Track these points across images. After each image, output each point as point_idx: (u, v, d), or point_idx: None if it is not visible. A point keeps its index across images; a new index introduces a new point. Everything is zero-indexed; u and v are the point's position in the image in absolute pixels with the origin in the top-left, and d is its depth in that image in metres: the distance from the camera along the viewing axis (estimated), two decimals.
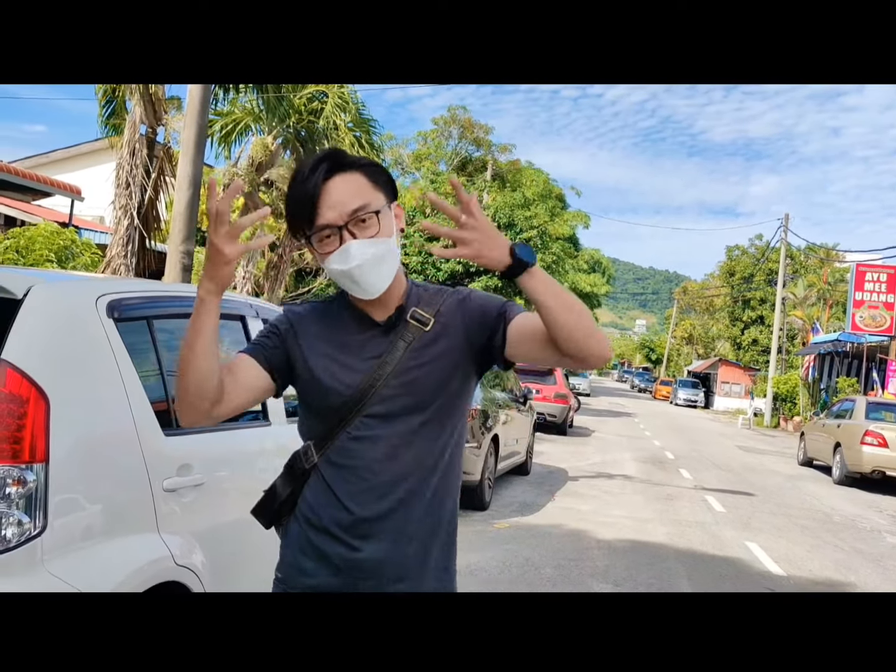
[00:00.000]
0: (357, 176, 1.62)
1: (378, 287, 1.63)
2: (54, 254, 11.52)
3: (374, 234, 1.59)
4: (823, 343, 27.85)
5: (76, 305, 2.49)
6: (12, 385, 2.19)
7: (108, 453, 2.47)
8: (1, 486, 2.13)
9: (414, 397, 1.64)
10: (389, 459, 1.63)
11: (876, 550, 8.30)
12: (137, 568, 2.44)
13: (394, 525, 1.63)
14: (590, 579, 5.93)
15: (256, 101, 13.35)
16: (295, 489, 1.71)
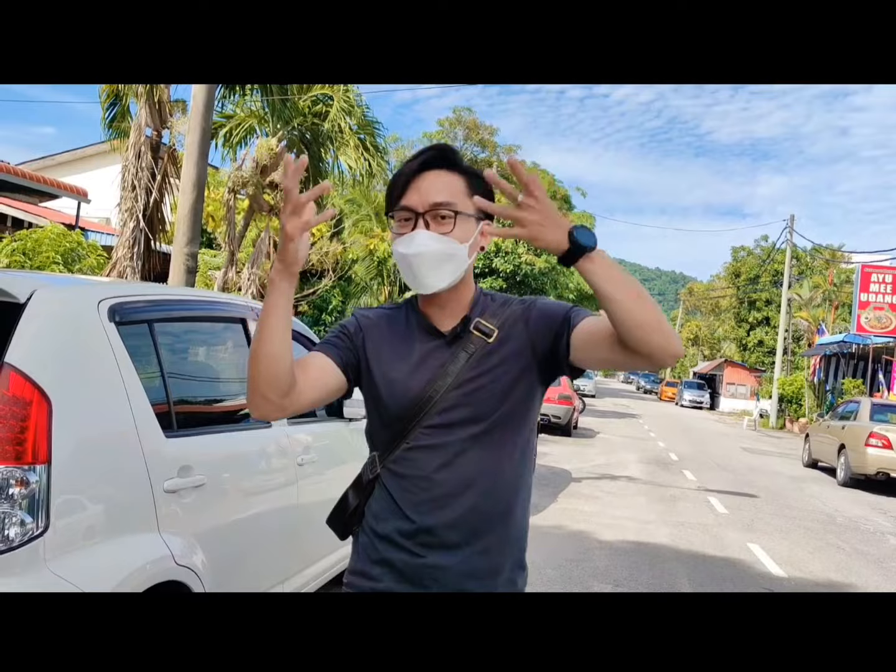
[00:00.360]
0: (455, 177, 1.63)
1: (432, 284, 1.61)
2: (61, 256, 11.59)
3: (447, 233, 1.59)
4: (829, 344, 27.80)
5: (78, 309, 2.54)
6: (15, 388, 2.24)
7: (110, 455, 2.51)
8: (4, 486, 2.18)
9: (473, 408, 1.62)
10: (447, 469, 1.62)
11: (879, 552, 8.30)
12: (138, 567, 2.48)
13: (456, 535, 1.62)
14: (591, 580, 5.96)
15: (261, 103, 13.43)
16: (362, 499, 1.71)
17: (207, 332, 3.43)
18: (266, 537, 3.42)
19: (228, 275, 13.90)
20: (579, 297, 40.44)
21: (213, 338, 3.49)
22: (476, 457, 1.63)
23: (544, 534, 7.28)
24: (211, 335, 3.46)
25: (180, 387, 3.03)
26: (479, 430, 1.63)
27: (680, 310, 70.16)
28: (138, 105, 10.66)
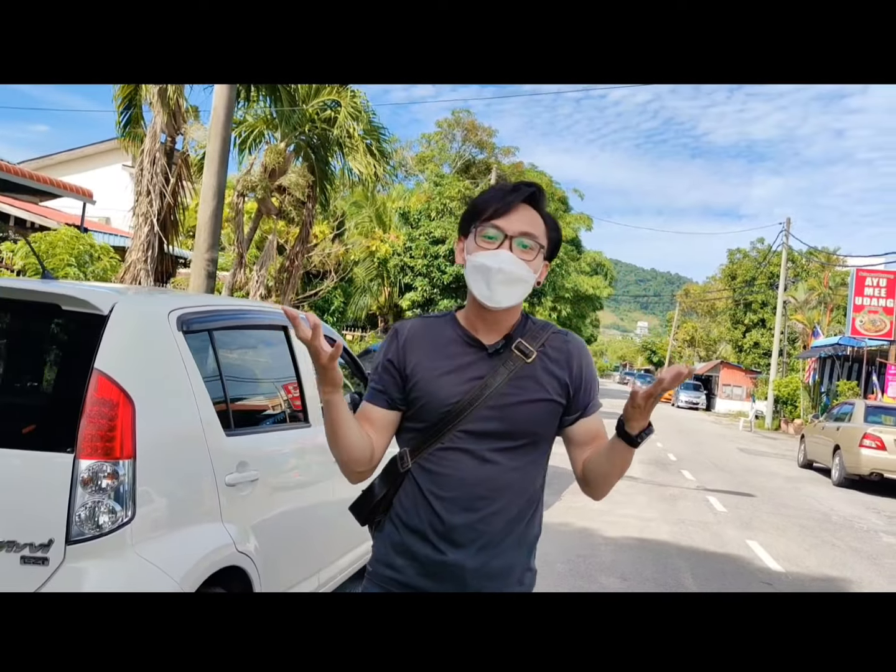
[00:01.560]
0: (539, 217, 1.80)
1: (501, 299, 1.74)
2: (74, 258, 11.84)
3: (528, 260, 1.75)
4: (824, 347, 28.12)
5: (153, 320, 2.81)
6: (104, 391, 2.51)
7: (182, 451, 2.78)
8: (96, 479, 2.44)
9: (507, 425, 1.76)
10: (479, 474, 1.75)
11: (872, 549, 8.59)
12: (208, 552, 2.76)
13: (479, 536, 1.75)
14: (598, 574, 6.24)
15: (269, 109, 13.70)
16: (390, 491, 1.83)
17: (255, 339, 3.70)
18: (306, 528, 3.69)
19: (237, 276, 14.17)
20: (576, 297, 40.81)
21: (259, 344, 3.77)
22: (505, 466, 1.77)
23: (553, 530, 7.55)
24: (258, 342, 3.74)
25: (235, 389, 3.30)
26: (510, 444, 1.77)
27: (676, 311, 70.47)
28: (153, 112, 10.90)
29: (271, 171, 13.66)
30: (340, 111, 13.35)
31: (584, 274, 42.28)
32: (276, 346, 3.75)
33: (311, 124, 13.80)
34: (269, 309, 3.87)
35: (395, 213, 28.03)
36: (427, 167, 39.41)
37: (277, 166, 13.71)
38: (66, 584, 2.37)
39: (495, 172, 33.97)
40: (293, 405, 3.81)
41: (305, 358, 3.85)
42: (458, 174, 35.85)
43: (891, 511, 11.88)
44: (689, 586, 6.15)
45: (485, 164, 39.54)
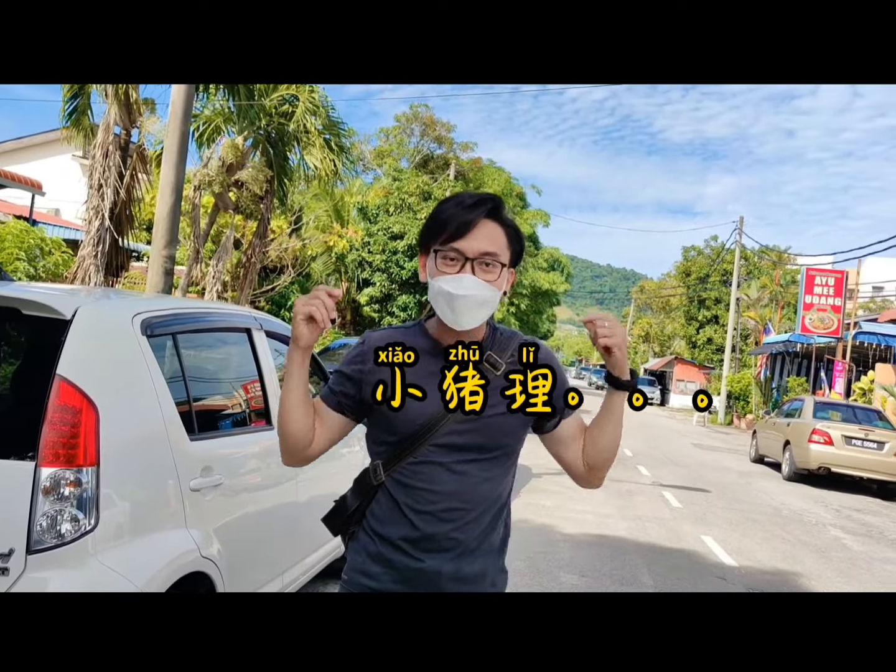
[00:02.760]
0: (500, 230, 1.77)
1: (465, 322, 1.74)
2: (24, 252, 11.56)
3: (491, 281, 1.73)
4: (775, 343, 28.75)
5: (117, 324, 2.77)
6: (66, 397, 2.47)
7: (146, 456, 2.75)
8: (58, 486, 2.40)
9: (479, 437, 1.78)
10: (453, 486, 1.77)
11: (820, 542, 8.84)
12: (172, 559, 2.73)
13: (455, 545, 1.79)
14: (557, 570, 6.31)
15: (227, 102, 13.52)
16: (363, 503, 1.86)
17: (218, 342, 3.67)
18: (270, 530, 3.68)
19: (193, 271, 13.98)
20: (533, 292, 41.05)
21: (222, 346, 3.73)
22: (478, 477, 1.79)
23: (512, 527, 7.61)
24: (221, 344, 3.70)
25: (198, 393, 3.28)
26: (483, 455, 1.80)
27: (631, 307, 71.37)
28: (108, 104, 10.68)
29: (229, 165, 13.49)
30: (298, 106, 13.23)
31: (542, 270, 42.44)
32: (239, 349, 3.72)
33: (269, 119, 13.66)
34: (233, 311, 3.84)
35: (354, 208, 27.88)
36: (385, 161, 39.25)
37: (235, 161, 13.55)
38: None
39: (454, 168, 33.99)
40: (255, 407, 3.79)
41: (268, 360, 3.83)
42: (417, 169, 35.76)
43: (838, 504, 12.22)
44: (645, 582, 6.26)
45: (443, 159, 39.48)
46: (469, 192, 1.85)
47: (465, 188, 31.12)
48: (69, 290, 3.40)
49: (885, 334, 21.49)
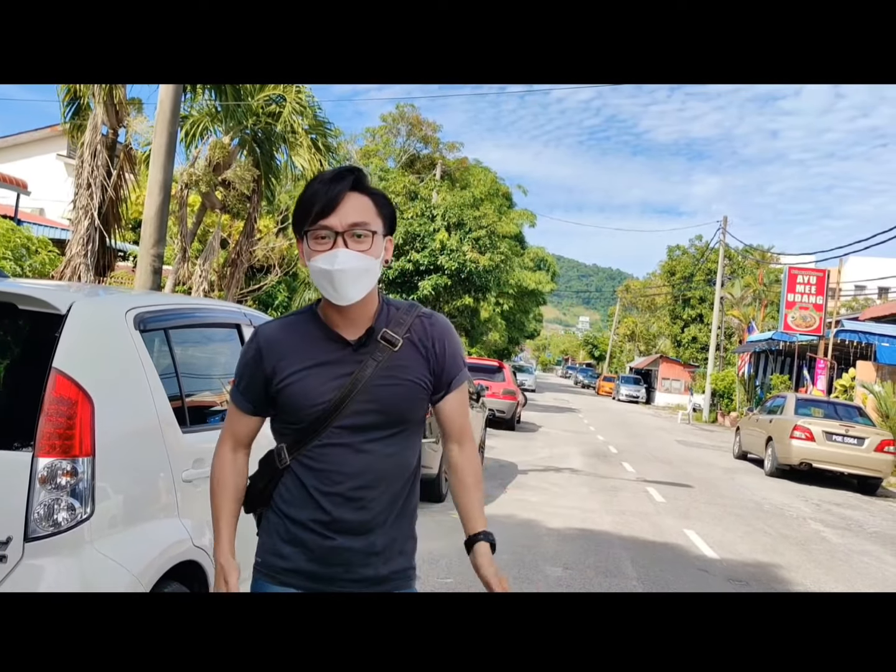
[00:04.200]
0: (367, 200, 1.78)
1: (351, 296, 1.75)
2: (10, 252, 11.56)
3: (364, 251, 1.75)
4: (758, 342, 29.01)
5: (111, 319, 2.84)
6: (62, 389, 2.54)
7: (140, 448, 2.83)
8: (55, 476, 2.47)
9: (383, 414, 1.81)
10: (359, 465, 1.81)
11: (800, 535, 9.00)
12: (166, 547, 2.81)
13: (364, 522, 1.83)
14: (542, 563, 6.42)
15: (213, 102, 13.53)
16: (269, 484, 1.89)
17: (209, 337, 3.74)
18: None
19: (181, 270, 13.99)
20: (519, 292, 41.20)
21: (213, 341, 3.81)
22: (384, 454, 1.83)
23: (497, 522, 7.72)
24: (212, 339, 3.78)
25: (190, 386, 3.35)
26: (388, 432, 1.83)
27: (617, 306, 71.68)
28: (95, 104, 10.70)
29: (216, 165, 13.50)
30: (285, 106, 13.27)
31: (528, 269, 42.63)
32: (229, 344, 3.79)
33: (256, 118, 13.68)
34: (223, 307, 3.92)
35: None
36: (372, 161, 39.22)
37: (222, 160, 13.56)
38: (24, 581, 2.40)
39: (440, 168, 34.07)
40: None
41: None
42: (403, 169, 35.80)
43: (818, 499, 12.41)
44: (629, 574, 6.38)
45: (430, 158, 39.53)
46: (331, 169, 1.86)
47: (451, 188, 31.23)
48: (64, 286, 3.47)
49: (866, 332, 21.75)
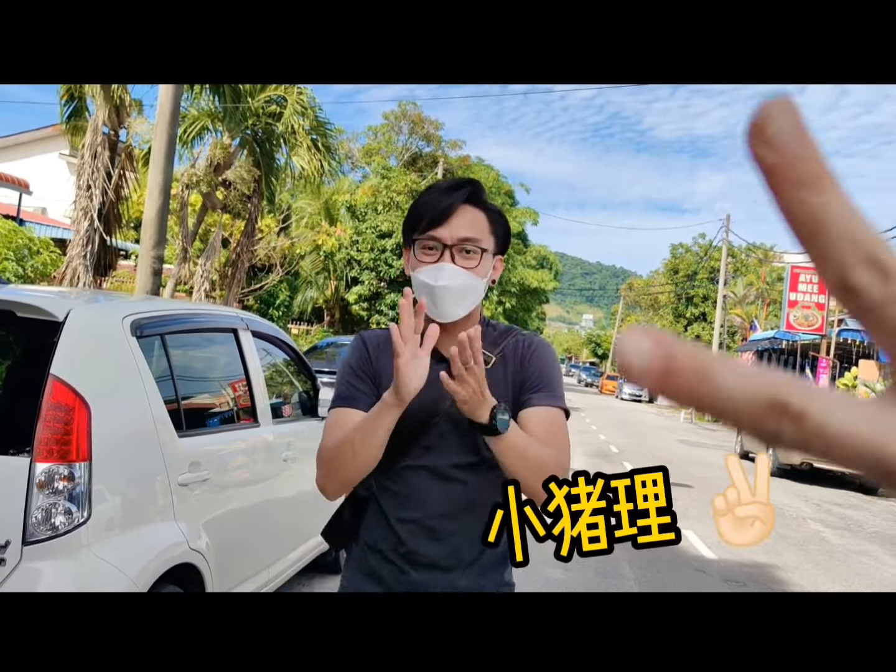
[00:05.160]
0: (481, 215, 1.68)
1: (451, 314, 1.65)
2: (13, 252, 11.63)
3: (471, 268, 1.64)
4: (761, 340, 29.02)
5: (107, 325, 2.88)
6: (59, 395, 2.58)
7: (136, 452, 2.87)
8: (52, 481, 2.52)
9: (468, 436, 1.63)
10: (439, 492, 1.67)
11: (800, 535, 9.03)
12: (161, 550, 2.85)
13: (443, 558, 1.68)
14: (542, 565, 6.43)
15: (214, 102, 13.60)
16: (356, 516, 1.77)
17: (206, 342, 3.79)
18: (256, 525, 3.80)
19: (182, 270, 14.06)
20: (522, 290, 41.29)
21: (210, 346, 3.85)
22: (470, 481, 1.67)
23: None
24: (208, 344, 3.82)
25: (186, 391, 3.39)
26: (473, 459, 1.66)
27: (620, 304, 71.64)
28: (95, 105, 10.75)
29: (216, 165, 13.57)
30: (286, 107, 13.33)
31: (530, 268, 42.68)
32: (225, 348, 3.83)
33: (257, 119, 13.74)
34: (220, 312, 3.96)
35: (342, 207, 27.97)
36: (374, 159, 39.29)
37: (222, 160, 13.63)
38: (22, 584, 2.44)
39: (442, 166, 34.10)
40: (242, 405, 3.91)
41: (254, 359, 3.95)
42: (405, 167, 35.85)
43: (818, 499, 12.44)
44: (627, 575, 6.41)
45: (432, 157, 39.57)
46: (448, 179, 1.79)
47: None
48: (61, 293, 3.51)
49: None
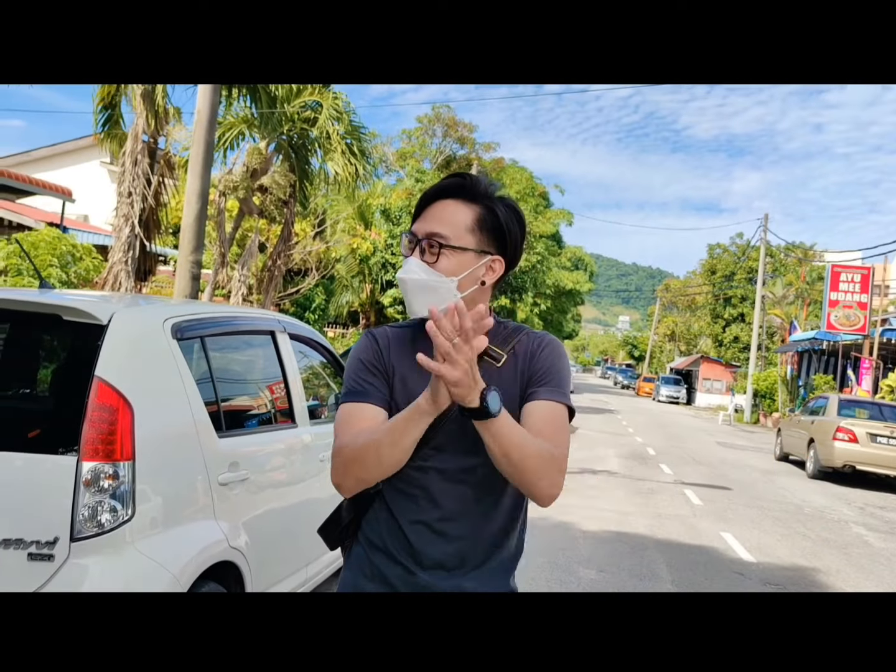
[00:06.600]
0: (467, 210, 1.62)
1: (416, 311, 1.60)
2: (57, 259, 11.90)
3: (431, 264, 1.58)
4: (801, 341, 28.56)
5: (149, 328, 2.96)
6: (104, 397, 2.66)
7: (177, 452, 2.94)
8: (98, 479, 2.59)
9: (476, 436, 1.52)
10: (449, 493, 1.64)
11: (841, 539, 8.87)
12: (203, 548, 2.91)
13: (451, 560, 1.65)
14: (576, 566, 6.44)
15: (249, 108, 13.78)
16: (359, 513, 1.73)
17: (244, 344, 3.86)
18: (293, 524, 3.85)
19: (219, 275, 14.26)
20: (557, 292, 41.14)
21: (248, 348, 3.92)
22: (479, 482, 1.64)
23: (532, 524, 7.70)
24: (247, 346, 3.89)
25: (225, 392, 3.46)
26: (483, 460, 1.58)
27: (657, 306, 70.99)
28: (135, 113, 10.97)
29: (253, 170, 13.74)
30: (322, 112, 13.46)
31: (565, 269, 42.51)
32: (263, 350, 3.90)
33: (292, 124, 13.89)
34: (258, 315, 4.03)
35: (377, 210, 28.15)
36: (408, 163, 39.48)
37: (259, 166, 13.80)
38: (70, 579, 2.52)
39: (476, 168, 34.13)
40: (280, 406, 3.97)
41: (291, 361, 4.01)
42: (440, 170, 35.97)
43: (862, 502, 12.20)
44: (663, 577, 6.36)
45: (466, 159, 39.63)
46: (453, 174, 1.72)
47: None
48: (104, 297, 3.60)
49: None
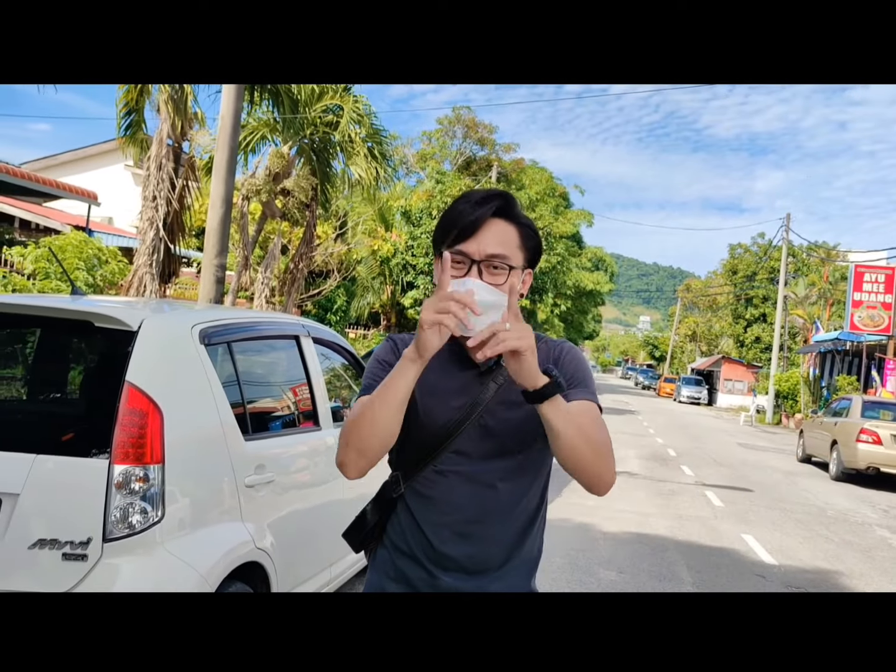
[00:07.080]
0: (512, 230, 1.66)
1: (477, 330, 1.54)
2: (83, 262, 12.09)
3: (498, 285, 1.59)
4: (824, 342, 28.32)
5: (178, 334, 3.04)
6: (134, 401, 2.73)
7: (205, 455, 3.01)
8: (129, 482, 2.67)
9: (499, 440, 1.66)
10: (471, 497, 1.67)
11: (865, 542, 8.82)
12: (230, 549, 2.99)
13: (473, 562, 1.68)
14: (596, 567, 6.47)
15: (272, 113, 13.92)
16: (383, 517, 1.77)
17: (269, 348, 3.93)
18: (318, 525, 3.92)
19: (242, 277, 14.41)
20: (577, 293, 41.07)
21: (273, 353, 4.00)
22: (500, 488, 1.68)
23: (552, 526, 7.77)
24: (272, 351, 3.97)
25: (251, 396, 3.53)
26: (505, 463, 1.67)
27: (678, 306, 70.62)
28: (160, 118, 11.13)
29: (275, 174, 13.88)
30: (343, 115, 13.56)
31: (585, 270, 42.50)
32: (287, 354, 3.97)
33: (314, 128, 14.01)
34: (282, 320, 4.11)
35: (398, 212, 28.26)
36: (428, 164, 39.56)
37: (281, 170, 13.93)
38: (102, 579, 2.60)
39: (496, 169, 34.14)
40: (304, 409, 4.04)
41: (315, 365, 4.08)
42: (460, 171, 36.01)
43: (886, 504, 12.10)
44: (684, 579, 6.38)
45: (486, 160, 39.69)
46: (480, 189, 1.76)
47: (506, 189, 31.18)
48: (133, 303, 3.69)
49: None
